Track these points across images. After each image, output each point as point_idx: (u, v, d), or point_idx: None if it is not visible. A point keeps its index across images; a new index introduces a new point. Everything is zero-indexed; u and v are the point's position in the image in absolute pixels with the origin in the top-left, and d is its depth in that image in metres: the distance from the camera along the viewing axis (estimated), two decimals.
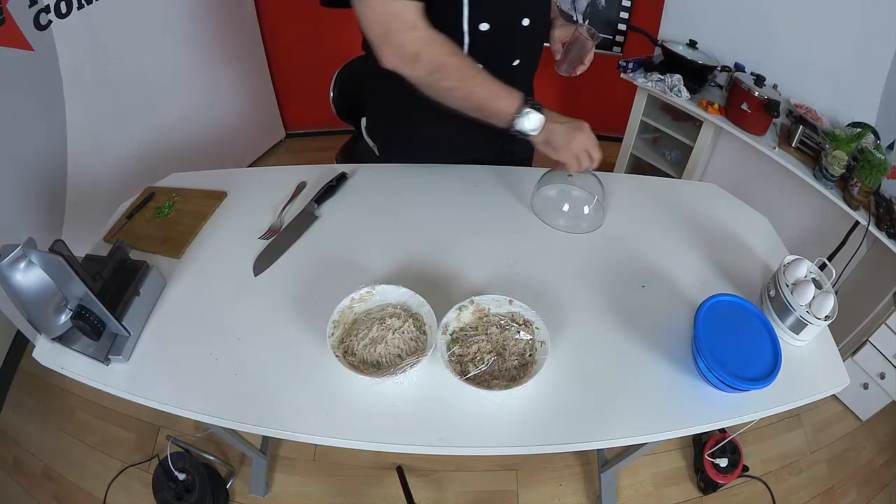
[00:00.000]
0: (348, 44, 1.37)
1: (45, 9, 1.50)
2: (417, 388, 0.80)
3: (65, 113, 1.67)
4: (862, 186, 1.54)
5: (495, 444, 0.76)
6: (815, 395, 0.83)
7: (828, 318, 0.84)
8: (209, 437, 1.62)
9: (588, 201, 1.08)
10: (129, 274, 0.88)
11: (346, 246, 1.01)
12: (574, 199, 1.09)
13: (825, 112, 1.76)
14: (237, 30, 2.26)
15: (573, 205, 1.09)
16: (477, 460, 1.62)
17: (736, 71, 1.91)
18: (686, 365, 0.84)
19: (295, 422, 0.77)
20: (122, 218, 1.08)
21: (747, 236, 1.07)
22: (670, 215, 1.10)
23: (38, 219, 1.69)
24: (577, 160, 0.94)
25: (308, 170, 1.17)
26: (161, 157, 2.06)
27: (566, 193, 1.10)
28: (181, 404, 0.79)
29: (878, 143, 1.62)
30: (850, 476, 1.66)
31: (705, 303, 0.84)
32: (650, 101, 2.14)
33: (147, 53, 1.90)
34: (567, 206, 1.08)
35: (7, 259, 0.72)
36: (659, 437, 0.78)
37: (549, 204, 1.09)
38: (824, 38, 1.71)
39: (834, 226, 1.72)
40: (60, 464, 1.60)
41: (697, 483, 1.60)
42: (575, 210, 1.08)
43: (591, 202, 1.08)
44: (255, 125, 2.57)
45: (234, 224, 1.06)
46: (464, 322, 0.86)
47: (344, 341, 0.83)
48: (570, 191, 1.10)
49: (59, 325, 0.81)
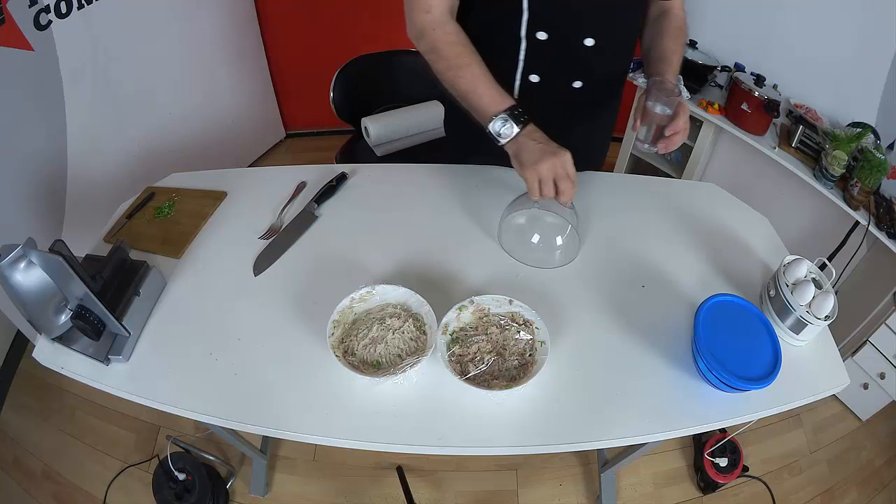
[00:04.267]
0: (348, 44, 1.37)
1: (45, 9, 1.50)
2: (417, 388, 0.80)
3: (65, 113, 1.67)
4: (862, 186, 1.54)
5: (495, 444, 0.76)
6: (815, 395, 0.83)
7: (828, 318, 0.84)
8: (209, 437, 1.62)
9: (560, 231, 0.98)
10: (129, 274, 0.88)
11: (346, 246, 1.01)
12: (545, 227, 0.98)
13: (825, 112, 1.76)
14: (237, 30, 2.26)
15: (544, 235, 0.98)
16: (477, 460, 1.62)
17: (736, 71, 1.90)
18: (686, 365, 0.84)
19: (295, 422, 0.77)
20: (122, 218, 1.08)
21: (747, 236, 1.07)
22: (670, 215, 1.10)
23: (38, 219, 1.69)
24: (540, 185, 0.86)
25: (308, 170, 1.17)
26: (161, 157, 2.06)
27: (536, 221, 0.99)
28: (181, 404, 0.79)
29: (878, 143, 1.62)
30: (850, 476, 1.66)
31: (705, 303, 0.84)
32: None
33: (147, 53, 1.90)
34: (537, 237, 0.98)
35: (7, 259, 0.72)
36: (659, 437, 0.78)
37: (516, 233, 1.00)
38: (824, 37, 1.71)
39: (834, 226, 1.72)
40: (60, 464, 1.60)
41: (697, 483, 1.60)
42: (546, 241, 0.98)
43: (564, 233, 0.97)
44: (255, 125, 2.57)
45: (234, 224, 1.06)
46: (464, 322, 0.86)
47: (344, 341, 0.83)
48: (541, 217, 0.98)
49: (59, 325, 0.81)
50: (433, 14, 0.91)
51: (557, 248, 0.98)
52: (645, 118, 0.91)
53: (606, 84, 1.07)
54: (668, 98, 0.86)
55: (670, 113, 0.86)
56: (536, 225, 1.00)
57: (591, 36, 0.94)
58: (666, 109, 0.82)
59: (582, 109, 1.06)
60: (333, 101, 1.75)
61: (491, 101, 0.89)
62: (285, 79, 2.58)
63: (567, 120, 1.05)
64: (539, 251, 0.98)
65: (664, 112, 0.83)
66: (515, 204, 1.00)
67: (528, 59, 0.97)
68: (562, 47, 0.95)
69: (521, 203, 0.99)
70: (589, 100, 1.05)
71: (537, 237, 0.99)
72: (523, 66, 0.98)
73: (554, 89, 1.01)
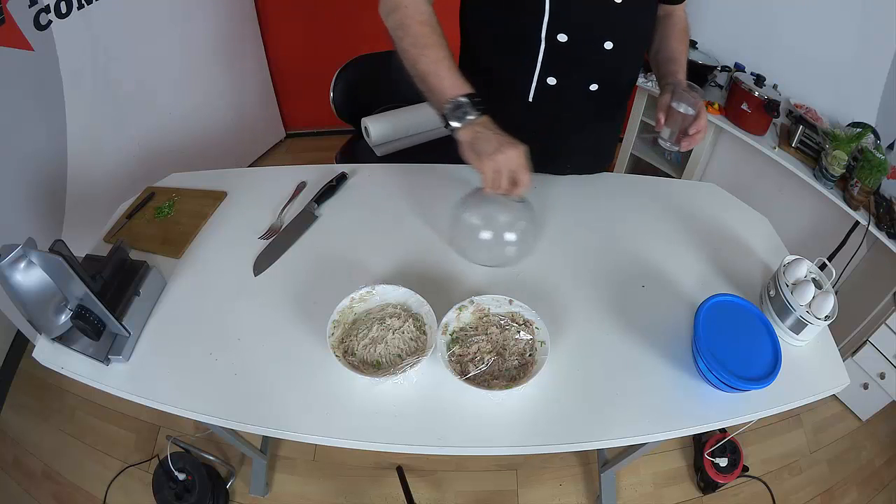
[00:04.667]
0: (348, 44, 1.37)
1: (45, 9, 1.50)
2: (417, 388, 0.80)
3: (65, 113, 1.67)
4: (862, 186, 1.54)
5: (495, 444, 0.76)
6: (815, 395, 0.83)
7: (828, 318, 0.84)
8: (209, 437, 1.62)
9: (516, 227, 0.94)
10: (129, 274, 0.88)
11: (346, 246, 1.01)
12: (500, 225, 0.94)
13: (825, 112, 1.76)
14: (237, 30, 2.26)
15: (497, 232, 0.94)
16: (477, 460, 1.62)
17: (736, 71, 1.90)
18: (686, 365, 0.84)
19: (295, 422, 0.77)
20: (122, 218, 1.08)
21: (747, 236, 1.07)
22: (670, 215, 1.10)
23: (38, 219, 1.69)
24: (497, 177, 0.83)
25: (308, 170, 1.17)
26: (161, 157, 2.06)
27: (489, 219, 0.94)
28: (181, 404, 0.79)
29: (878, 143, 1.62)
30: (850, 476, 1.66)
31: (705, 303, 0.84)
32: (650, 102, 2.14)
33: (147, 53, 1.90)
34: (489, 235, 0.94)
35: (7, 259, 0.72)
36: (659, 437, 0.78)
37: (469, 231, 0.96)
38: (824, 37, 1.71)
39: (834, 226, 1.72)
40: (60, 464, 1.60)
41: (697, 483, 1.60)
42: (497, 239, 0.94)
43: (520, 228, 0.94)
44: (255, 125, 2.57)
45: (234, 224, 1.06)
46: (464, 322, 0.86)
47: (344, 341, 0.83)
48: (494, 216, 0.94)
49: (59, 325, 0.81)
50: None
51: (513, 245, 0.96)
52: (670, 119, 0.91)
53: (620, 87, 1.08)
54: (691, 99, 0.87)
55: (693, 113, 0.87)
56: (490, 222, 0.95)
57: (611, 39, 0.94)
58: (689, 110, 0.83)
59: (595, 111, 1.06)
60: (333, 101, 1.75)
61: (451, 85, 0.86)
62: (285, 79, 2.58)
63: (580, 121, 1.06)
64: (493, 249, 0.95)
65: (687, 112, 0.84)
66: (465, 201, 0.96)
67: (546, 60, 0.96)
68: (582, 50, 0.94)
69: (473, 200, 0.95)
70: (603, 102, 1.05)
71: (489, 234, 0.94)
72: (541, 67, 0.97)
73: (570, 91, 1.00)
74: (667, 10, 1.06)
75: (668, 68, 0.99)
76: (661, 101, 0.93)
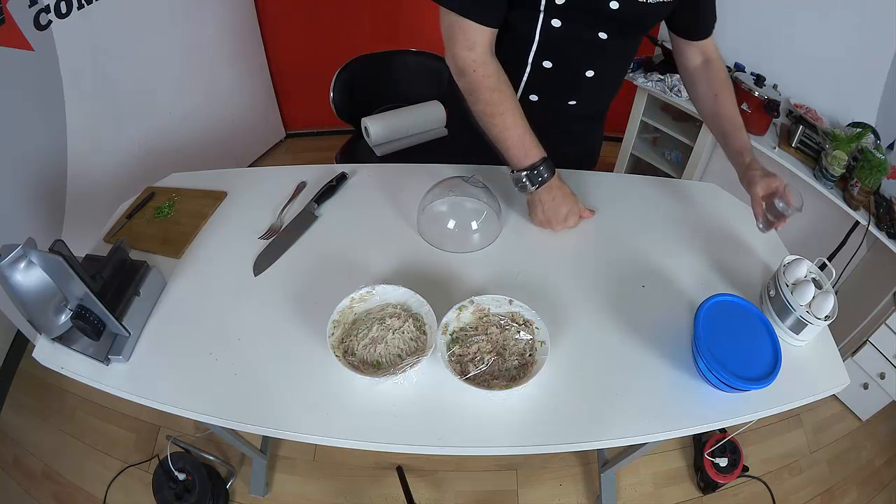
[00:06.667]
0: (348, 44, 1.37)
1: (45, 9, 1.50)
2: (417, 388, 0.80)
3: (65, 113, 1.67)
4: (862, 186, 1.54)
5: (495, 444, 0.76)
6: (815, 395, 0.83)
7: (828, 318, 0.84)
8: (209, 437, 1.62)
9: (477, 215, 1.01)
10: (129, 274, 0.88)
11: (346, 246, 1.01)
12: (464, 213, 1.02)
13: (825, 112, 1.76)
14: (237, 30, 2.26)
15: (461, 220, 1.01)
16: (477, 460, 1.62)
17: (736, 71, 1.90)
18: (686, 365, 0.84)
19: (295, 422, 0.77)
20: (122, 218, 1.08)
21: (747, 236, 1.07)
22: (670, 215, 1.10)
23: (38, 219, 1.69)
24: (556, 224, 1.01)
25: (308, 170, 1.17)
26: (161, 157, 2.06)
27: (456, 207, 1.03)
28: (181, 404, 0.79)
29: (878, 143, 1.62)
30: (850, 476, 1.66)
31: (705, 303, 0.84)
32: (650, 101, 2.14)
33: (147, 53, 1.90)
34: (453, 223, 1.01)
35: (7, 259, 0.72)
36: (659, 437, 0.78)
37: (435, 220, 1.02)
38: (824, 38, 1.71)
39: (834, 226, 1.72)
40: (60, 464, 1.61)
41: (697, 483, 1.60)
42: (462, 226, 1.01)
43: (481, 216, 1.01)
44: (255, 125, 2.57)
45: (234, 224, 1.06)
46: (464, 322, 0.86)
47: (344, 341, 0.83)
48: (461, 203, 1.03)
49: (59, 325, 0.81)
50: (476, 52, 0.91)
51: (476, 232, 1.01)
52: (770, 212, 0.95)
53: (597, 100, 1.13)
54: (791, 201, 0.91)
55: (789, 213, 0.92)
56: (454, 211, 1.03)
57: (592, 69, 1.00)
58: (787, 209, 0.91)
59: (575, 121, 1.11)
60: (333, 101, 1.75)
61: (525, 153, 0.95)
62: (285, 79, 2.58)
63: (561, 128, 1.11)
64: (457, 236, 1.00)
65: (784, 210, 0.91)
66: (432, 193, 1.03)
67: (529, 81, 1.02)
68: (564, 76, 1.01)
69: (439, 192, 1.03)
70: (581, 112, 1.10)
71: (453, 223, 1.01)
72: (524, 87, 1.03)
73: (550, 106, 1.06)
74: (703, 52, 1.07)
75: (735, 135, 1.02)
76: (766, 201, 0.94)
